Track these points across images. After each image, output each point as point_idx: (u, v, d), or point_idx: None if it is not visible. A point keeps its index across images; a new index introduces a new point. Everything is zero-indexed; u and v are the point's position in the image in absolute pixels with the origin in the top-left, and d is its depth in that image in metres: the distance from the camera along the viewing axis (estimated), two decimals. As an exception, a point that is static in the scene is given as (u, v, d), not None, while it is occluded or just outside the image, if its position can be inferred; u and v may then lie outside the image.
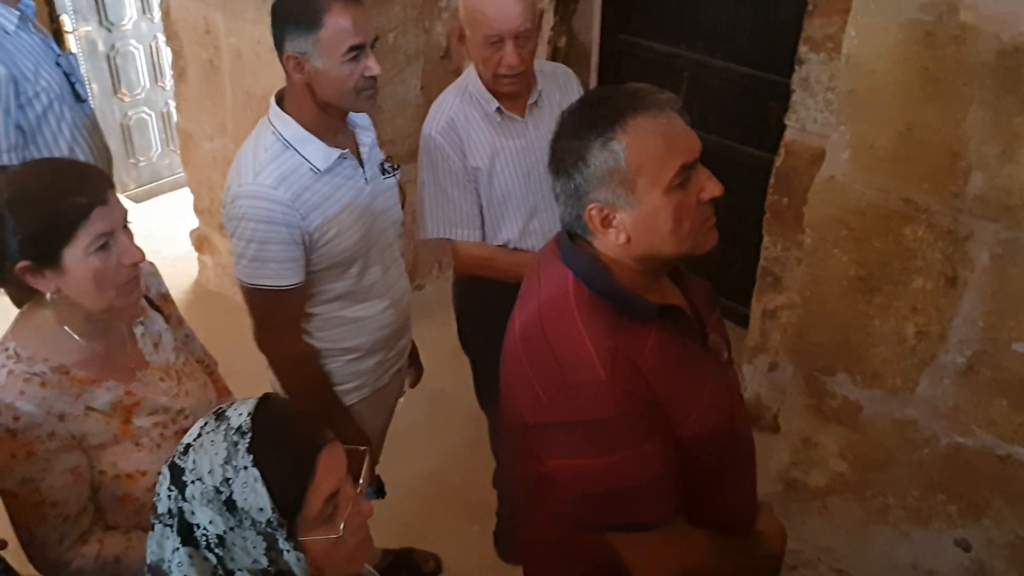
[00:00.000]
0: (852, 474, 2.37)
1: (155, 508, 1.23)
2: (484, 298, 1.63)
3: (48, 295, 1.52)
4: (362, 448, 1.33)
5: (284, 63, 1.92)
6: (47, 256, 1.48)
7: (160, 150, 5.07)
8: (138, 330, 1.70)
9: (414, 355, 2.54)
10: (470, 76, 2.28)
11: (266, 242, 1.90)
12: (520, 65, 2.15)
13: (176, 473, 1.20)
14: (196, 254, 4.24)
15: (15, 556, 1.67)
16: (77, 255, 1.48)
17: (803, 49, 2.80)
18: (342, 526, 1.21)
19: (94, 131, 2.89)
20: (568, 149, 1.35)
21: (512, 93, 2.24)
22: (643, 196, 1.32)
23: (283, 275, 1.95)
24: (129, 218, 1.58)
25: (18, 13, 2.59)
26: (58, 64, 2.72)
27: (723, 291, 1.87)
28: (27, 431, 1.49)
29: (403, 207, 2.25)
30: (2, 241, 1.46)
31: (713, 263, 1.60)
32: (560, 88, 2.38)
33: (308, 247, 1.97)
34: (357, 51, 1.88)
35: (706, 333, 1.50)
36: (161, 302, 1.81)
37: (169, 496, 1.20)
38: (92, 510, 1.61)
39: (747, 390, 3.17)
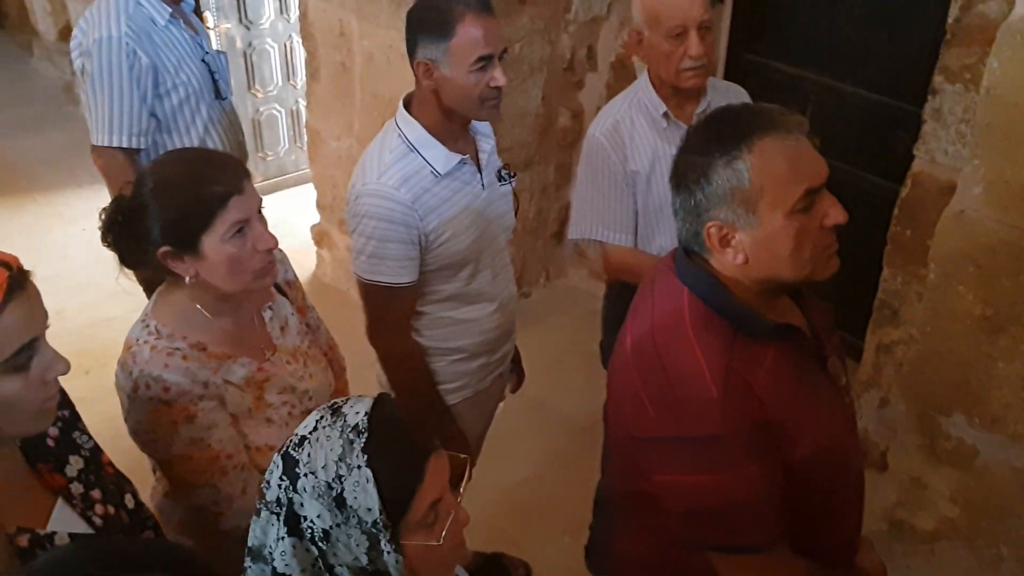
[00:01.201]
0: (964, 520, 2.28)
1: (263, 494, 1.26)
2: None
3: (187, 279, 1.60)
4: (463, 456, 1.35)
5: (414, 68, 1.97)
6: (186, 242, 1.56)
7: (287, 146, 5.26)
8: (267, 314, 1.79)
9: (517, 361, 2.56)
10: (640, 83, 2.31)
11: (385, 240, 1.97)
12: (703, 56, 2.15)
13: (289, 464, 1.22)
14: (315, 248, 4.39)
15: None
16: (214, 241, 1.56)
17: (938, 79, 2.72)
18: (443, 534, 1.23)
19: (230, 127, 3.00)
20: (691, 164, 1.35)
21: (695, 87, 2.23)
22: (765, 218, 1.31)
23: (398, 273, 2.00)
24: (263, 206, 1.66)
25: (170, 9, 2.71)
26: (203, 61, 2.82)
27: (835, 321, 1.84)
28: (179, 398, 1.57)
29: (516, 214, 2.28)
30: (146, 227, 1.55)
31: (827, 291, 1.57)
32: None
33: (423, 247, 2.02)
34: (485, 61, 1.92)
35: (825, 356, 1.47)
36: (288, 288, 1.89)
37: (280, 485, 1.23)
38: None
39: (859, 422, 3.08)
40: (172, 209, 1.54)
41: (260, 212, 1.63)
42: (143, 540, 1.06)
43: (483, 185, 2.11)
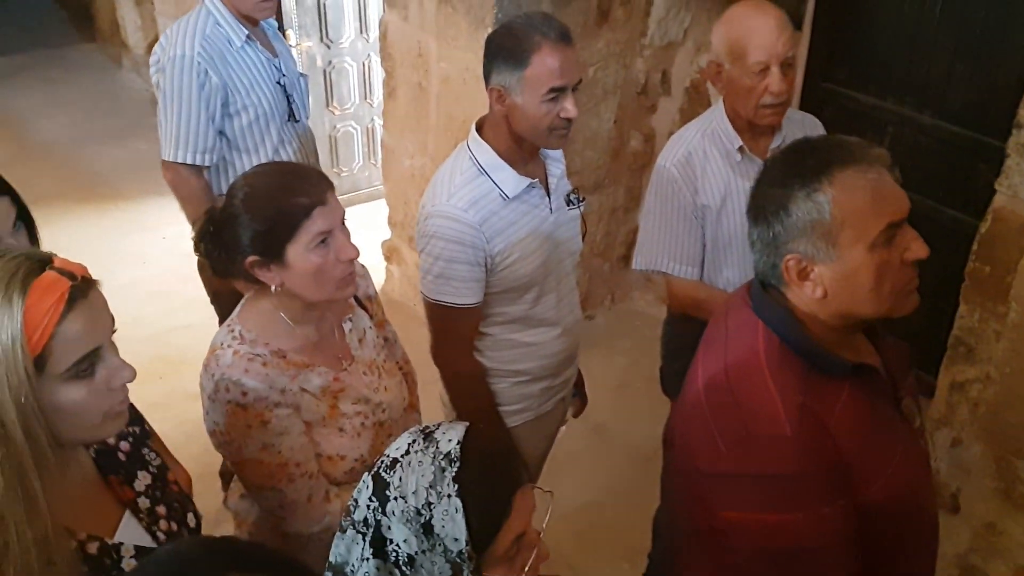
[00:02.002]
0: (1040, 570, 2.20)
1: (349, 512, 1.27)
2: (696, 341, 1.62)
3: (273, 288, 1.65)
4: (547, 491, 1.36)
5: (488, 93, 2.00)
6: (273, 251, 1.61)
7: (361, 163, 5.36)
8: (346, 325, 1.83)
9: (580, 385, 2.56)
10: (715, 113, 2.29)
11: (452, 261, 1.99)
12: (784, 93, 2.14)
13: (380, 485, 1.24)
14: (384, 263, 4.45)
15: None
16: (299, 251, 1.61)
17: (1023, 112, 2.65)
18: (524, 569, 1.23)
19: (302, 148, 3.02)
20: (770, 196, 1.34)
21: (771, 124, 2.22)
22: (845, 251, 1.30)
23: (464, 294, 2.03)
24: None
25: (247, 31, 2.75)
26: (279, 83, 2.86)
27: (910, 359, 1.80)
28: (256, 403, 1.62)
29: (583, 238, 2.28)
30: (236, 236, 1.61)
31: (900, 326, 1.54)
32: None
33: (489, 269, 2.04)
34: (558, 92, 1.93)
35: (900, 396, 1.44)
36: (367, 302, 1.93)
37: (368, 506, 1.24)
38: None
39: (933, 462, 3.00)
40: (260, 220, 1.60)
41: (343, 223, 1.67)
42: (253, 542, 1.09)
43: (551, 209, 2.12)
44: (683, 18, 3.75)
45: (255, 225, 1.60)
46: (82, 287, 1.19)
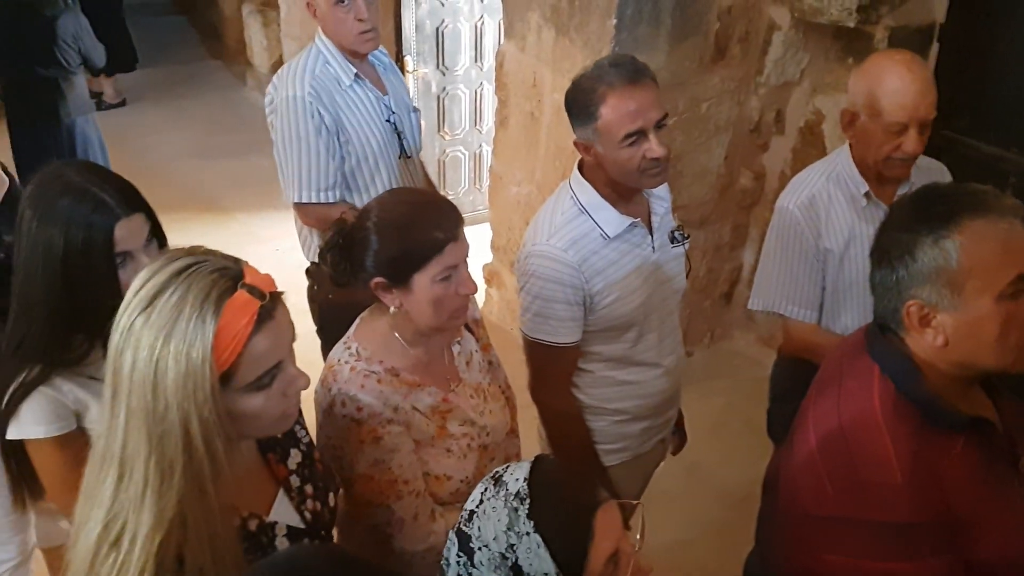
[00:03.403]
0: None
1: (442, 570, 1.29)
2: (807, 386, 1.59)
3: (391, 308, 1.70)
4: (635, 502, 1.35)
5: (575, 146, 2.01)
6: (399, 277, 1.66)
7: (467, 187, 5.45)
8: (456, 348, 1.87)
9: (679, 423, 2.52)
10: (840, 156, 2.26)
11: (550, 300, 2.00)
12: (917, 152, 2.11)
13: (463, 540, 1.25)
14: (484, 286, 4.51)
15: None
16: (424, 281, 1.65)
17: None
18: None
19: (411, 184, 2.96)
20: (895, 240, 1.33)
21: (899, 177, 2.19)
22: (971, 301, 1.27)
23: (561, 333, 2.03)
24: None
25: (355, 70, 2.75)
26: (388, 121, 2.83)
27: None
28: (370, 419, 1.66)
29: (688, 275, 2.25)
30: (362, 256, 1.66)
31: (1017, 381, 1.48)
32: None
33: (588, 308, 2.03)
34: (636, 136, 1.89)
35: (1017, 455, 1.40)
36: (474, 325, 1.97)
37: (458, 562, 1.26)
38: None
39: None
40: (393, 247, 1.64)
41: (467, 259, 1.72)
42: (368, 559, 1.14)
43: (654, 247, 2.09)
44: (800, 58, 3.71)
45: (387, 251, 1.65)
46: (269, 307, 1.25)
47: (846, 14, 3.27)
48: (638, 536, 1.31)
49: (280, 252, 4.73)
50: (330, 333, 1.83)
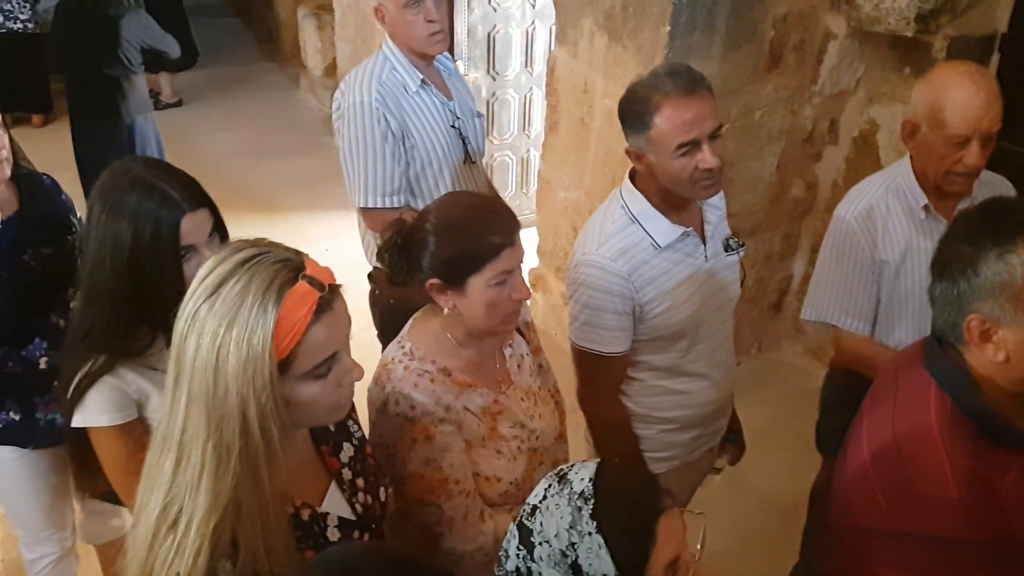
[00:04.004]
0: None
1: (501, 563, 1.31)
2: (859, 399, 1.57)
3: (445, 310, 1.72)
4: (699, 513, 1.35)
5: (627, 154, 2.00)
6: (455, 279, 1.68)
7: (514, 191, 5.47)
8: (507, 351, 1.88)
9: (738, 432, 2.50)
10: (900, 168, 2.24)
11: (599, 309, 2.00)
12: (979, 166, 2.08)
13: (524, 534, 1.27)
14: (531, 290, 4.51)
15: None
16: (479, 284, 1.67)
17: None
18: None
19: (476, 190, 2.95)
20: (958, 253, 1.31)
21: (959, 192, 2.16)
22: None
23: (610, 342, 2.03)
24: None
25: (421, 76, 2.77)
26: (453, 127, 2.85)
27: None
28: (423, 418, 1.68)
29: (742, 283, 2.23)
30: (419, 257, 1.68)
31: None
32: None
33: (638, 318, 2.02)
34: (689, 146, 1.88)
35: (1078, 476, 1.37)
36: (525, 328, 1.98)
37: (518, 555, 1.27)
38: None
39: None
40: (450, 248, 1.66)
41: (521, 264, 1.73)
42: (418, 560, 1.16)
43: (706, 257, 2.08)
44: (856, 68, 3.67)
45: (444, 253, 1.66)
46: (328, 298, 1.27)
47: (904, 23, 3.23)
48: (698, 546, 1.31)
49: (329, 252, 4.79)
50: (391, 337, 1.85)
